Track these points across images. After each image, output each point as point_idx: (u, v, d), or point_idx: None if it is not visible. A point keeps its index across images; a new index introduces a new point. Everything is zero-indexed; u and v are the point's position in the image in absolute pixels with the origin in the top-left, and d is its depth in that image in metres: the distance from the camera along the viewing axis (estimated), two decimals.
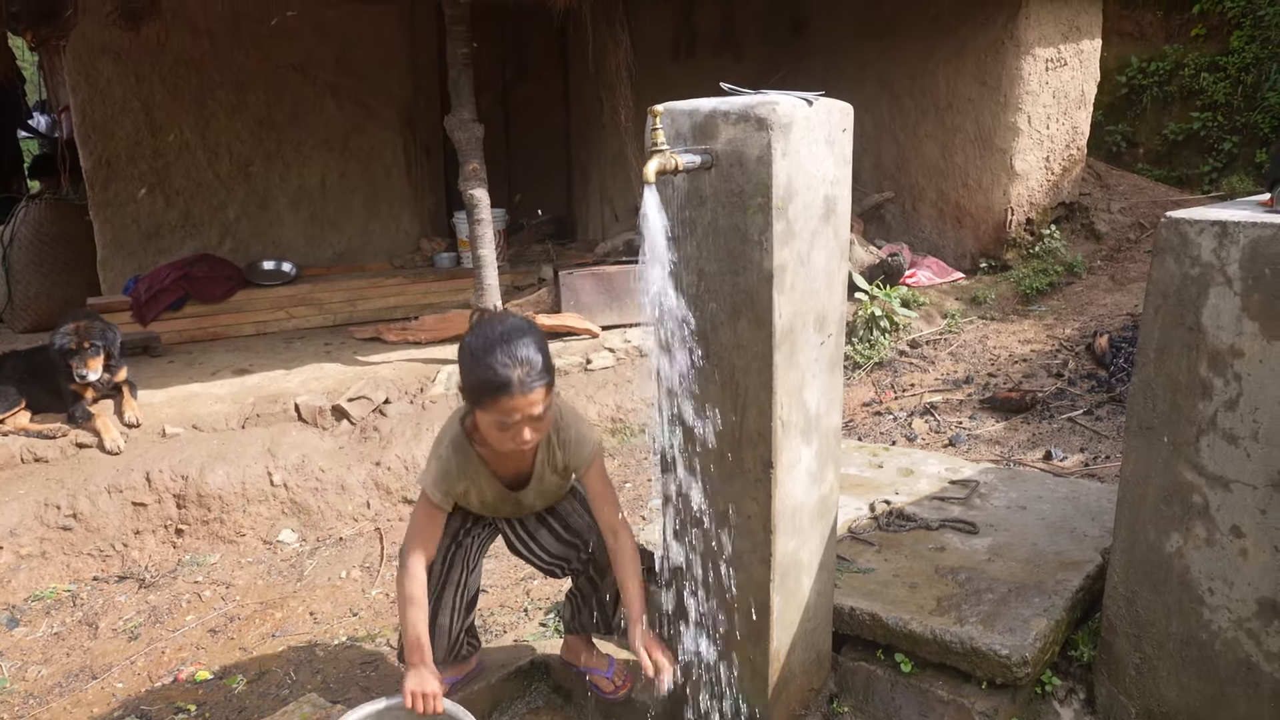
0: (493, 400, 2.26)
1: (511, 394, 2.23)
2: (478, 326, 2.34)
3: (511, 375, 2.22)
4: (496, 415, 2.28)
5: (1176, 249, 2.18)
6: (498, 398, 2.25)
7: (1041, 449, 4.83)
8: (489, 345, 2.25)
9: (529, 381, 2.24)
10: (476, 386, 2.28)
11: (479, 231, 5.54)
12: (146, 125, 7.15)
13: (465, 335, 2.35)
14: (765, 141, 1.98)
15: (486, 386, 2.25)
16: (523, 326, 2.33)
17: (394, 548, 4.57)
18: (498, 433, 2.33)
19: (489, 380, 2.24)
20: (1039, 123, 7.18)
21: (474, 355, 2.27)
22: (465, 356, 2.31)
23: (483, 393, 2.27)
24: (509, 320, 2.35)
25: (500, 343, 2.25)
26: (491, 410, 2.28)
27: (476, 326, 2.35)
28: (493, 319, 2.37)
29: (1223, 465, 2.18)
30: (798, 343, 2.15)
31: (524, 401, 2.25)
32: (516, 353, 2.24)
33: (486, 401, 2.28)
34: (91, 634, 4.04)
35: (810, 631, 2.52)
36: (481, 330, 2.31)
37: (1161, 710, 2.42)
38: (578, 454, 2.55)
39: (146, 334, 6.45)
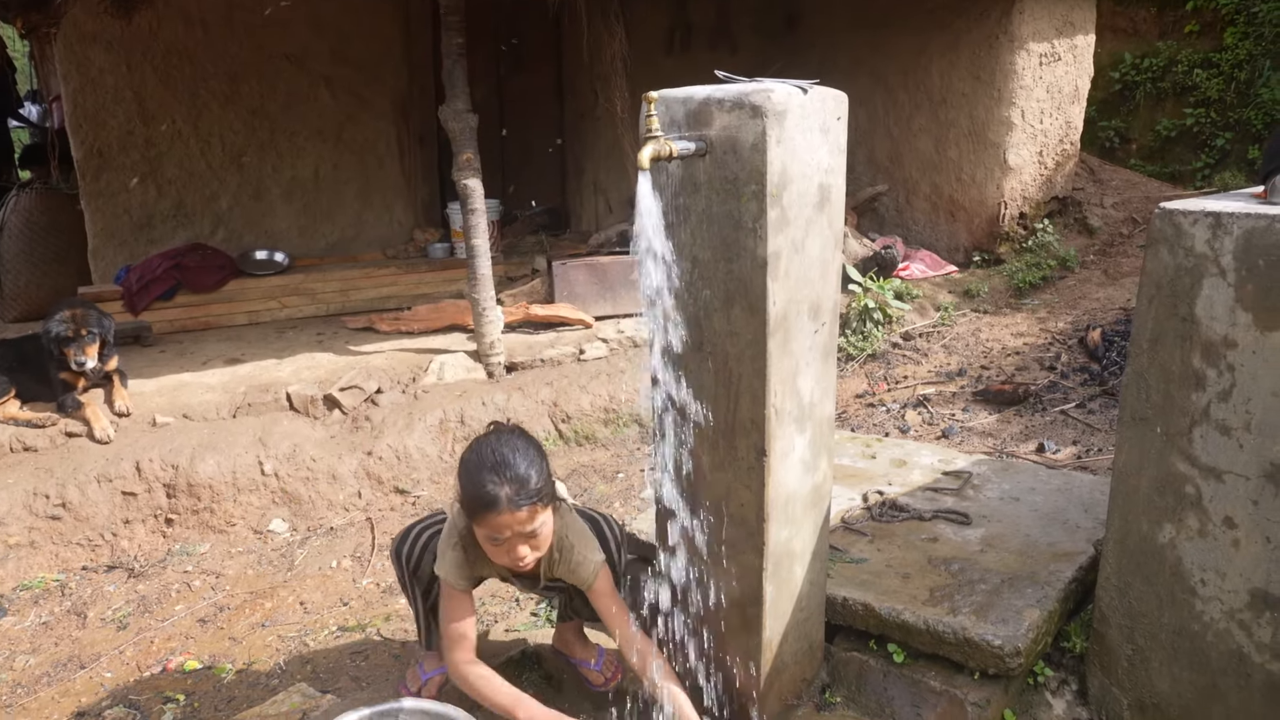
0: (483, 516, 2.28)
1: (499, 511, 2.24)
2: (478, 442, 2.37)
3: (500, 493, 2.23)
4: (488, 531, 2.30)
5: (1170, 240, 2.17)
6: (487, 514, 2.27)
7: (1034, 441, 4.84)
8: (482, 462, 2.28)
9: (518, 500, 2.24)
10: (469, 502, 2.30)
11: (473, 222, 5.52)
12: (138, 114, 7.10)
13: (466, 450, 2.37)
14: (760, 128, 1.97)
15: (477, 503, 2.27)
16: (521, 445, 2.34)
17: (385, 537, 4.56)
18: (492, 547, 2.35)
19: (479, 497, 2.26)
20: (1033, 117, 7.18)
21: (468, 471, 2.30)
22: (461, 470, 2.33)
23: (474, 509, 2.29)
24: (509, 438, 2.36)
25: (494, 460, 2.27)
26: (483, 525, 2.31)
27: (477, 442, 2.37)
28: (493, 435, 2.38)
29: (1215, 456, 2.18)
30: (792, 331, 2.15)
31: (512, 519, 2.26)
32: (508, 471, 2.25)
33: (478, 517, 2.30)
34: (80, 623, 4.02)
35: (803, 621, 2.52)
36: (480, 446, 2.33)
37: (1153, 701, 2.42)
38: (580, 574, 2.50)
39: (138, 323, 6.42)
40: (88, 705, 3.46)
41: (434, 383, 5.53)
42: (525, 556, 2.34)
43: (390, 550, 2.76)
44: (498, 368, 5.69)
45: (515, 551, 2.32)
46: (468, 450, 2.35)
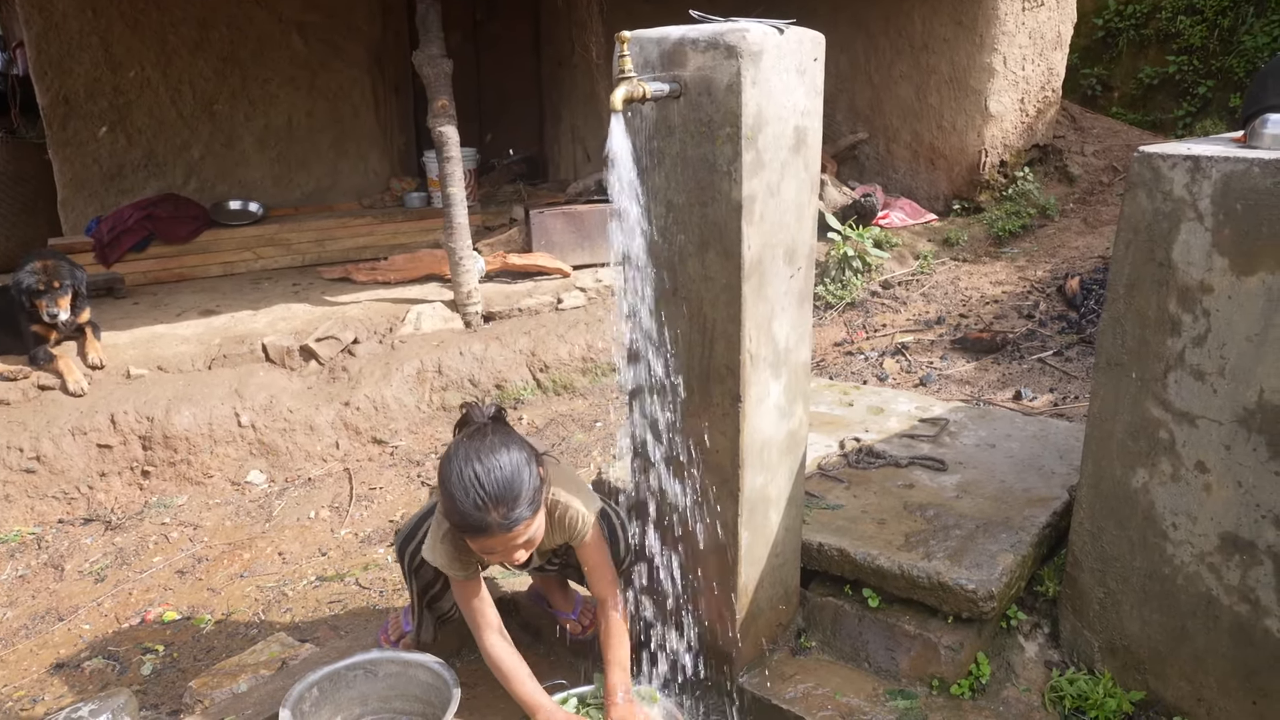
0: (472, 539, 2.18)
1: (491, 535, 2.12)
2: (455, 451, 2.17)
3: (490, 520, 2.10)
4: (480, 548, 2.21)
5: (1149, 184, 2.15)
6: (476, 538, 2.16)
7: (1011, 389, 4.86)
8: (465, 485, 2.09)
9: (508, 522, 2.11)
10: (456, 524, 2.17)
11: (448, 170, 5.44)
12: (105, 61, 6.95)
13: (444, 457, 2.19)
14: (735, 70, 1.93)
15: (463, 526, 2.14)
16: (504, 455, 2.15)
17: (363, 488, 4.56)
18: (487, 556, 2.27)
19: (465, 524, 2.13)
20: (1014, 64, 7.12)
21: (450, 493, 2.12)
22: (445, 486, 2.14)
23: (462, 530, 2.17)
24: (492, 444, 2.16)
25: (477, 482, 2.09)
26: (475, 544, 2.20)
27: (454, 450, 2.17)
28: (473, 444, 2.16)
29: (1189, 401, 2.18)
30: (767, 275, 2.12)
31: (503, 540, 2.14)
32: (495, 491, 2.09)
33: (468, 537, 2.19)
34: (57, 576, 4.01)
35: (778, 567, 2.53)
36: (458, 460, 2.13)
37: (1124, 644, 2.45)
38: (573, 531, 2.41)
39: (110, 275, 6.34)
40: (66, 657, 3.46)
41: (411, 333, 5.49)
42: (521, 559, 2.27)
43: (395, 544, 2.67)
44: (475, 317, 5.66)
45: (510, 556, 2.23)
46: (447, 465, 2.15)
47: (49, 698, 3.23)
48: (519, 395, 5.27)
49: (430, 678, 2.49)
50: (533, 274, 6.30)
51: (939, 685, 2.48)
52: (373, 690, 2.57)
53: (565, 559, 2.59)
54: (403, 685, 2.56)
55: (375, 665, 2.55)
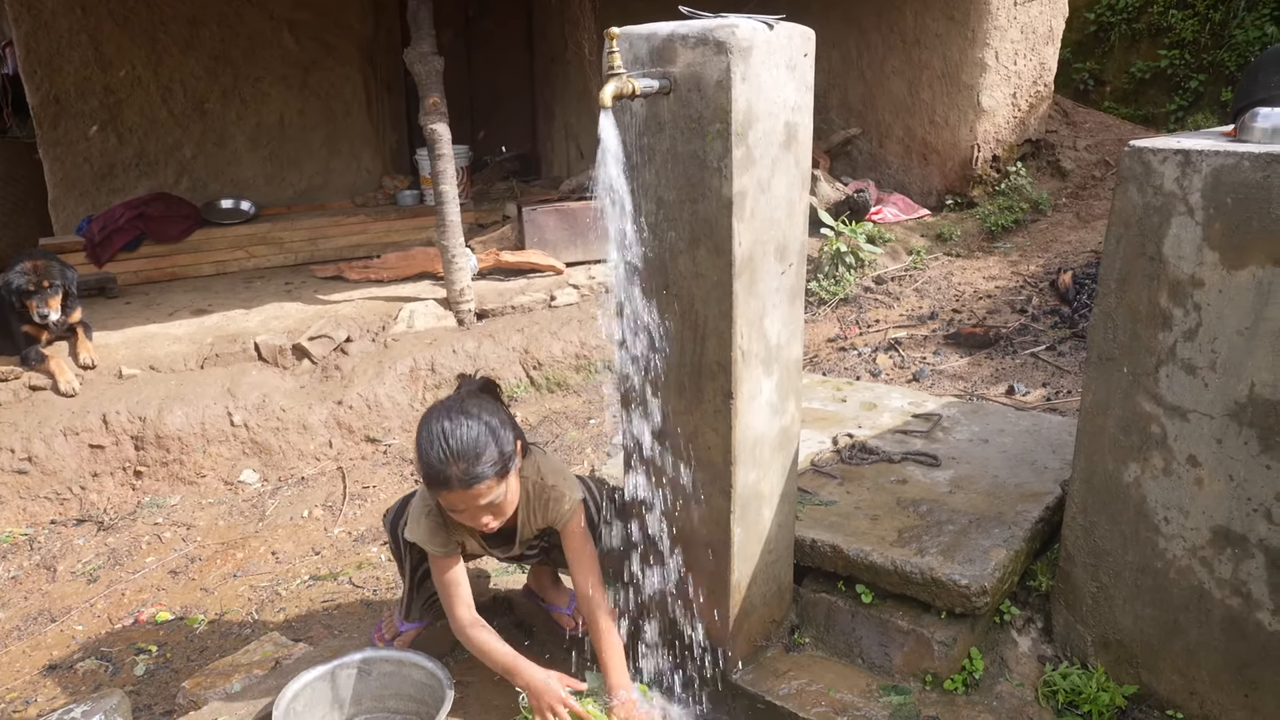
0: (436, 492, 2.25)
1: (451, 489, 2.19)
2: (430, 411, 2.26)
3: (450, 472, 2.17)
4: (445, 505, 2.28)
5: (1140, 178, 2.16)
6: (439, 491, 2.23)
7: (1004, 384, 4.86)
8: (431, 439, 2.18)
9: (468, 479, 2.17)
10: (424, 479, 2.25)
11: (441, 167, 5.43)
12: (95, 60, 6.92)
13: (422, 420, 2.27)
14: (724, 65, 1.93)
15: (429, 480, 2.23)
16: (475, 418, 2.22)
17: (356, 486, 4.55)
18: (454, 515, 2.31)
19: (429, 476, 2.21)
20: (1006, 59, 7.13)
21: (420, 446, 2.22)
22: (416, 443, 2.25)
23: (429, 484, 2.25)
24: (465, 407, 2.25)
25: (442, 439, 2.17)
26: (440, 500, 2.27)
27: (431, 412, 2.26)
28: (448, 405, 2.27)
29: (1181, 395, 2.19)
30: (758, 272, 2.12)
31: (466, 496, 2.20)
32: (456, 446, 2.16)
33: (433, 491, 2.26)
34: (50, 577, 4.00)
35: (771, 564, 2.53)
36: (432, 421, 2.22)
37: (1117, 638, 2.45)
38: (556, 511, 2.47)
39: (101, 275, 6.32)
40: (59, 658, 3.45)
41: (404, 331, 5.48)
42: (489, 523, 2.30)
43: (385, 522, 2.74)
44: (468, 315, 5.65)
45: (477, 520, 2.28)
46: (423, 421, 2.26)
47: (42, 699, 3.22)
48: (512, 393, 5.26)
49: (424, 676, 2.49)
50: (526, 271, 6.29)
51: (932, 680, 2.48)
52: (366, 689, 2.57)
53: (547, 543, 2.63)
54: (396, 684, 2.56)
55: (369, 664, 2.55)
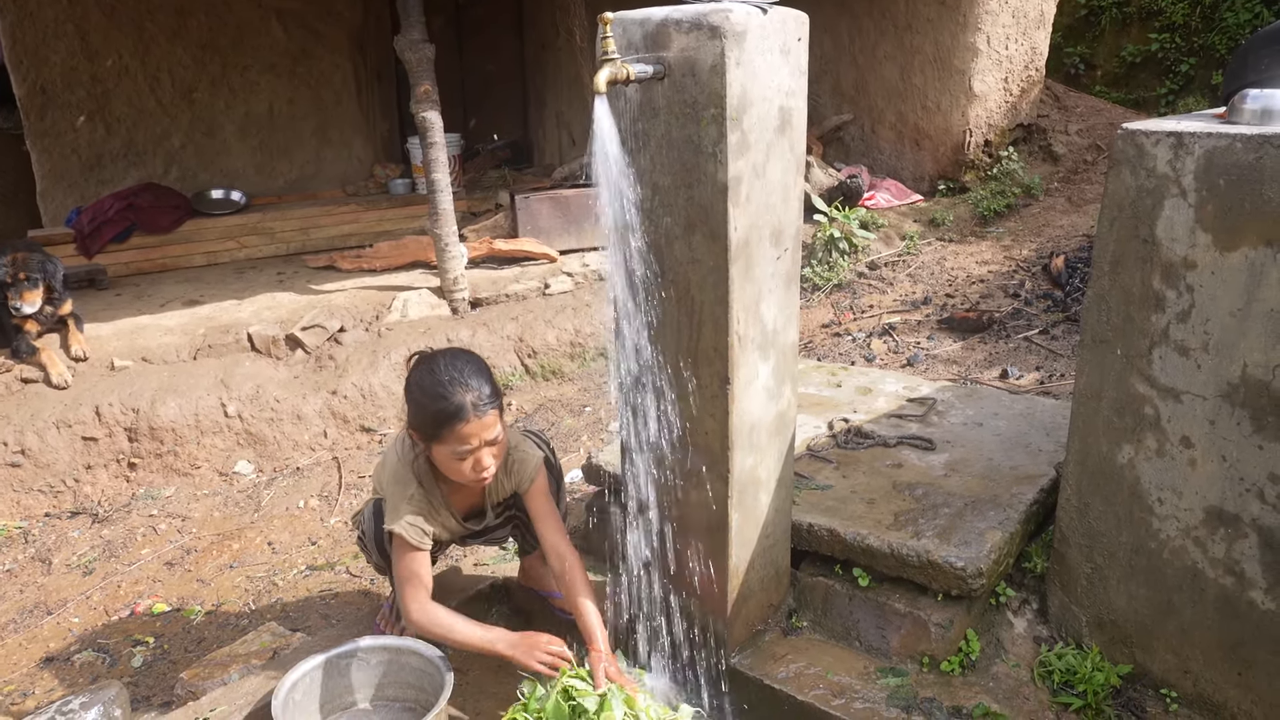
0: (450, 429, 2.27)
1: (468, 419, 2.25)
2: (418, 364, 2.37)
3: (465, 400, 2.25)
4: (455, 445, 2.29)
5: (1132, 161, 2.16)
6: (454, 425, 2.26)
7: (998, 367, 4.87)
8: (436, 378, 2.28)
9: (482, 405, 2.27)
10: (433, 419, 2.28)
11: (432, 155, 5.41)
12: (82, 50, 6.88)
13: (409, 376, 2.37)
14: (719, 50, 1.93)
15: (442, 417, 2.26)
16: (464, 355, 2.38)
17: (352, 476, 4.55)
18: (457, 464, 2.32)
19: (444, 410, 2.26)
20: (998, 43, 7.12)
21: (424, 390, 2.30)
22: (415, 394, 2.33)
23: (440, 424, 2.27)
24: (449, 352, 2.40)
25: (447, 374, 2.28)
26: (450, 440, 2.28)
27: (417, 365, 2.37)
28: (432, 355, 2.39)
29: (1174, 377, 2.20)
30: (754, 257, 2.12)
31: (479, 425, 2.27)
32: (466, 380, 2.28)
33: (444, 433, 2.28)
34: (45, 570, 3.99)
35: (769, 548, 2.54)
36: (424, 366, 2.34)
37: (1111, 618, 2.47)
38: (521, 474, 2.54)
39: (91, 266, 6.29)
40: (56, 651, 3.45)
41: (398, 320, 5.47)
42: (489, 466, 2.34)
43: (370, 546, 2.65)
44: (462, 304, 5.64)
45: (481, 462, 2.32)
46: (415, 374, 2.35)
47: (39, 691, 3.22)
48: (507, 381, 5.26)
49: (422, 664, 2.49)
50: (519, 259, 6.28)
51: (929, 662, 2.50)
52: (365, 678, 2.57)
53: (513, 512, 2.68)
54: (395, 672, 2.56)
55: (367, 653, 2.55)
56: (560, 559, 2.51)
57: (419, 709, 2.49)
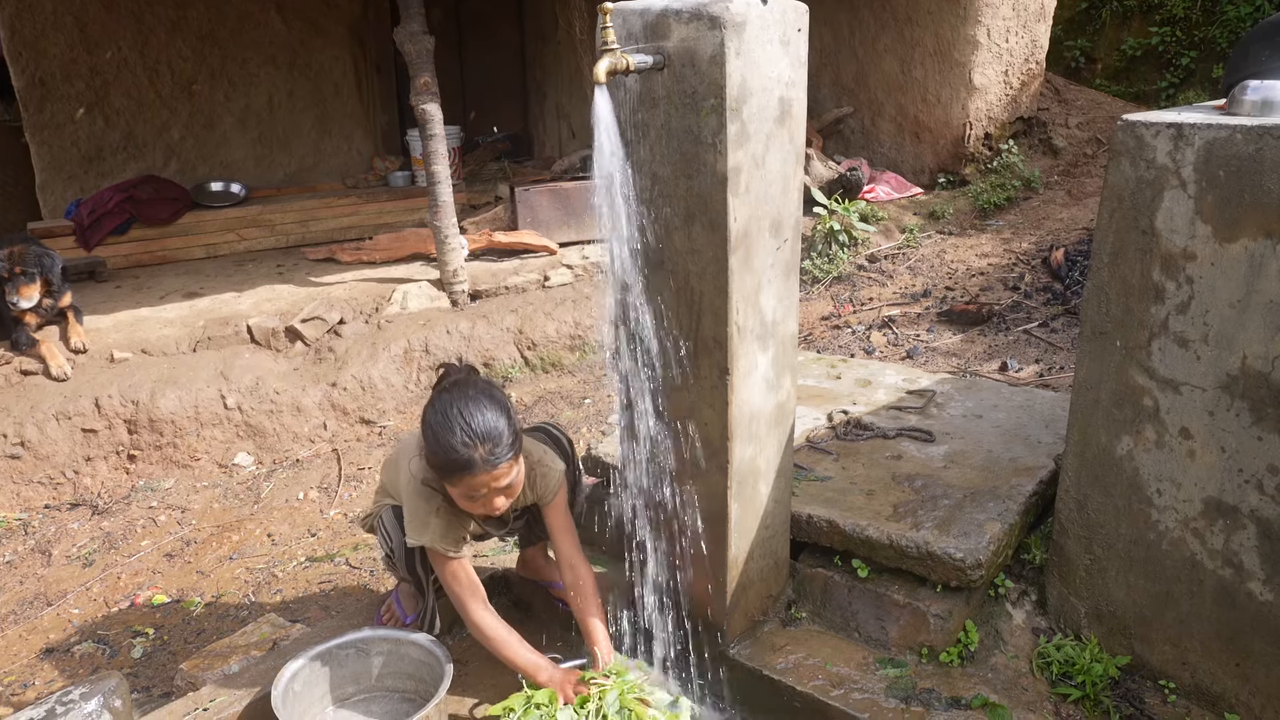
0: (459, 479, 2.23)
1: (475, 473, 2.20)
2: (438, 398, 2.28)
3: (475, 456, 2.18)
4: (464, 490, 2.26)
5: (1132, 152, 2.16)
6: (463, 476, 2.22)
7: (997, 360, 4.88)
8: (450, 424, 2.20)
9: (493, 459, 2.20)
10: (443, 465, 2.24)
11: (432, 147, 5.41)
12: (81, 41, 6.86)
13: (427, 406, 2.28)
14: (718, 41, 1.92)
15: (451, 467, 2.22)
16: (483, 395, 2.26)
17: (351, 468, 4.55)
18: (467, 503, 2.31)
19: (453, 461, 2.20)
20: (998, 36, 7.11)
21: (437, 435, 2.21)
22: (428, 433, 2.25)
23: (449, 471, 2.23)
24: (469, 390, 2.27)
25: (461, 420, 2.20)
26: (459, 486, 2.25)
27: (437, 398, 2.28)
28: (455, 390, 2.28)
29: (1173, 368, 2.20)
30: (753, 247, 2.12)
31: (489, 478, 2.22)
32: (479, 429, 2.19)
33: (454, 480, 2.25)
34: (45, 561, 4.00)
35: (768, 539, 2.54)
36: (441, 403, 2.25)
37: (1110, 609, 2.47)
38: (545, 488, 2.50)
39: (91, 259, 6.28)
40: (56, 642, 3.45)
41: (397, 312, 5.47)
42: (501, 507, 2.32)
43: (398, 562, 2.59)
44: (462, 296, 5.64)
45: (490, 503, 2.29)
46: (431, 410, 2.26)
47: (39, 682, 3.22)
48: (507, 374, 5.26)
49: (422, 655, 2.50)
50: (519, 252, 6.28)
51: (928, 654, 2.50)
52: (365, 669, 2.57)
53: (526, 517, 2.66)
54: (395, 663, 2.57)
55: (367, 644, 2.56)
56: (573, 571, 2.50)
57: (418, 699, 2.49)
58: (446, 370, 2.42)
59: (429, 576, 2.56)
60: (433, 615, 2.69)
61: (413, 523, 2.40)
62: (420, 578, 2.58)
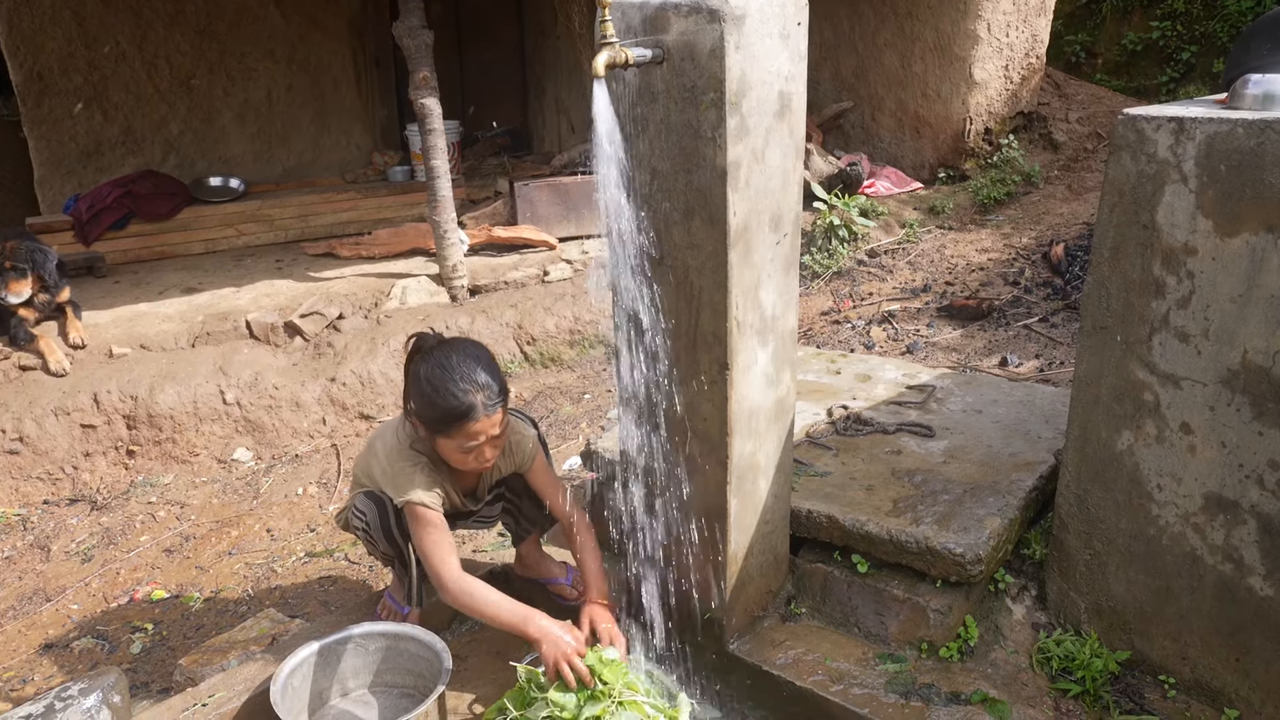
0: (458, 427, 2.28)
1: (476, 418, 2.27)
2: (428, 355, 2.34)
3: (475, 400, 2.26)
4: (461, 440, 2.30)
5: (1133, 146, 2.15)
6: (463, 424, 2.27)
7: (997, 355, 4.87)
8: (446, 373, 2.27)
9: (490, 405, 2.28)
10: (442, 415, 2.28)
11: (431, 142, 5.40)
12: (79, 36, 6.84)
13: (415, 367, 2.35)
14: (718, 34, 1.92)
15: (451, 415, 2.27)
16: (472, 349, 2.36)
17: (350, 463, 4.54)
18: (460, 455, 2.34)
19: (454, 409, 2.26)
20: (999, 30, 7.09)
21: (433, 386, 2.28)
22: (424, 387, 2.30)
23: (448, 421, 2.28)
24: (458, 345, 2.37)
25: (457, 370, 2.28)
26: (457, 436, 2.30)
27: (426, 355, 2.35)
28: (441, 345, 2.37)
29: (1174, 363, 2.19)
30: (753, 242, 2.12)
31: (487, 424, 2.29)
32: (475, 378, 2.28)
33: (452, 429, 2.29)
34: (44, 557, 3.99)
35: (768, 534, 2.53)
36: (435, 359, 2.32)
37: (1110, 605, 2.47)
38: (520, 454, 2.57)
39: (90, 254, 6.27)
40: (55, 637, 3.45)
41: (396, 307, 5.46)
42: (491, 458, 2.38)
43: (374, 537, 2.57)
44: (461, 291, 5.63)
45: (483, 455, 2.34)
46: (425, 367, 2.32)
47: (38, 677, 3.22)
48: (506, 369, 5.25)
49: (420, 649, 2.50)
50: (518, 247, 6.27)
51: (928, 648, 2.50)
52: (364, 664, 2.57)
53: (505, 491, 2.70)
54: (393, 658, 2.56)
55: (366, 639, 2.56)
56: (568, 518, 2.58)
57: (417, 695, 2.49)
58: (421, 338, 2.46)
59: (408, 543, 2.55)
60: (419, 587, 2.68)
61: (396, 481, 2.41)
62: (400, 546, 2.57)
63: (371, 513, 2.54)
